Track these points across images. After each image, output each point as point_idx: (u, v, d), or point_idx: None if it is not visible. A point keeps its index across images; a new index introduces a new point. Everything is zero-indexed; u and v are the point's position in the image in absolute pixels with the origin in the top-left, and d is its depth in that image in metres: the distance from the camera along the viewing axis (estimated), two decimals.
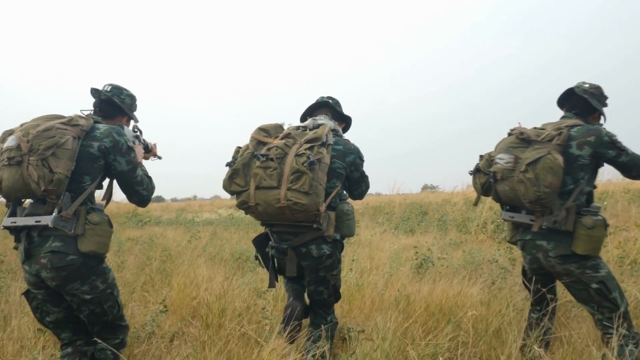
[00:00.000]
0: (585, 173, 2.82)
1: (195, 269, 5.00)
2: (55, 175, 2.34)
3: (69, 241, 2.43)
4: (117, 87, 2.88)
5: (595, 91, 2.97)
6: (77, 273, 2.44)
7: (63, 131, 2.43)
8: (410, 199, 15.80)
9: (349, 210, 2.95)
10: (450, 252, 6.67)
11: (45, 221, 2.37)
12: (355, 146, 3.02)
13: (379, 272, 4.78)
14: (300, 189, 2.61)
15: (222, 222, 12.79)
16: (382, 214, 13.15)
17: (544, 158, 2.72)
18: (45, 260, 2.40)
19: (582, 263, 2.78)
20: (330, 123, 3.02)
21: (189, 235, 8.62)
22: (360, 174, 3.06)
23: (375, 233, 9.43)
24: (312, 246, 2.83)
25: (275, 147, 2.74)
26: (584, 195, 2.84)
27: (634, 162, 2.79)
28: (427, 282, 4.36)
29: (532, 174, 2.73)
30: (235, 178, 2.79)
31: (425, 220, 11.34)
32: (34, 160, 2.32)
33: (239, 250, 7.08)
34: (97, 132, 2.56)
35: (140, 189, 2.72)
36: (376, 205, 15.41)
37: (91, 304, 2.51)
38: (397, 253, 6.24)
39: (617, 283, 2.80)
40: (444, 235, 8.63)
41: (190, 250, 7.09)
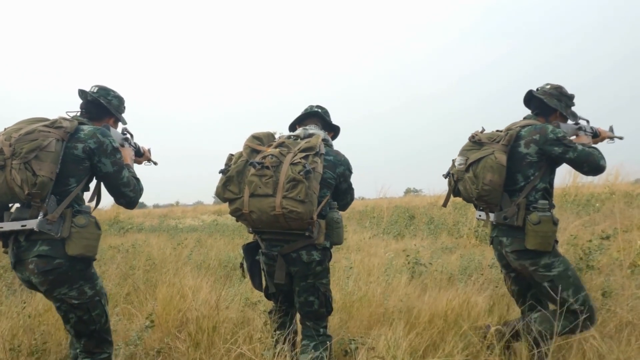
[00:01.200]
0: (535, 170, 2.93)
1: (181, 278, 4.74)
2: (38, 178, 2.31)
3: (56, 245, 2.41)
4: (103, 88, 2.86)
5: (554, 91, 3.06)
6: (65, 277, 2.42)
7: (46, 134, 2.40)
8: (395, 202, 15.69)
9: (338, 219, 2.97)
10: (443, 257, 6.51)
11: (30, 225, 2.35)
12: (345, 158, 3.06)
13: (375, 279, 4.58)
14: (297, 197, 2.63)
15: (206, 229, 12.54)
16: (369, 218, 12.99)
17: (485, 158, 2.92)
18: (33, 266, 2.40)
19: (536, 260, 2.88)
20: (321, 133, 3.06)
21: (175, 243, 8.32)
22: (348, 185, 3.10)
23: (363, 238, 9.24)
24: (302, 252, 2.83)
25: (270, 156, 2.76)
26: (538, 191, 2.93)
27: (582, 158, 2.85)
28: (427, 289, 4.17)
29: (472, 173, 2.97)
30: (229, 185, 2.80)
31: (414, 224, 11.20)
32: (17, 164, 2.30)
33: (225, 258, 6.85)
34: (81, 134, 2.54)
35: (127, 190, 2.69)
36: (362, 209, 15.27)
37: (79, 309, 2.48)
38: (391, 259, 6.05)
39: (574, 282, 2.85)
40: (434, 240, 8.46)
41: (175, 258, 6.82)
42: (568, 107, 3.08)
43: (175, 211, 24.93)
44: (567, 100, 3.07)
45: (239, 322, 3.38)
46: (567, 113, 3.06)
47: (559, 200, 10.49)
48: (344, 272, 4.84)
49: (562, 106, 3.05)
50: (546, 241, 2.84)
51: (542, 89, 3.11)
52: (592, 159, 2.85)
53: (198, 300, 3.97)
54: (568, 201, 10.88)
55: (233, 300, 4.15)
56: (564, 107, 3.05)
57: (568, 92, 3.09)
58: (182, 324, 3.96)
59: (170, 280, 4.78)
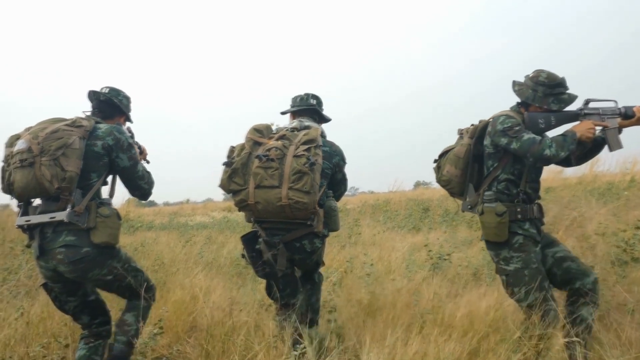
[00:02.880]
0: (494, 161, 2.98)
1: (191, 278, 4.49)
2: (67, 173, 2.52)
3: (82, 234, 2.60)
4: (114, 89, 3.06)
5: (529, 81, 2.99)
6: (94, 262, 2.63)
7: (69, 132, 2.61)
8: (407, 195, 15.41)
9: (335, 207, 3.15)
10: (464, 251, 6.22)
11: (60, 217, 2.55)
12: (339, 148, 3.23)
13: (396, 276, 4.30)
14: (302, 188, 2.75)
15: (216, 225, 12.32)
16: (382, 211, 12.72)
17: (451, 150, 3.13)
18: (62, 256, 2.58)
19: (497, 252, 2.95)
20: (316, 125, 3.19)
21: (184, 241, 8.06)
22: (342, 176, 3.29)
23: (378, 232, 8.96)
24: (305, 241, 3.00)
25: (275, 148, 2.86)
26: (500, 182, 2.96)
27: (524, 148, 2.78)
28: (453, 285, 3.87)
29: (438, 164, 3.23)
30: (234, 177, 2.89)
31: (428, 216, 10.91)
32: (46, 161, 2.50)
33: (237, 255, 6.59)
34: (99, 132, 2.76)
35: (142, 183, 2.94)
36: (374, 203, 14.99)
37: (116, 281, 2.74)
38: (410, 254, 5.75)
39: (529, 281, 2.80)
40: (453, 233, 8.15)
41: (184, 257, 6.57)
42: (548, 95, 2.92)
43: (186, 208, 24.78)
44: (545, 89, 2.92)
45: (252, 328, 3.10)
46: (546, 102, 2.91)
47: (576, 189, 10.16)
48: (362, 268, 4.55)
49: (537, 96, 2.93)
50: (491, 232, 2.89)
51: (516, 82, 3.06)
52: (534, 149, 2.75)
53: (209, 303, 3.74)
54: (586, 190, 10.55)
55: (246, 303, 3.89)
56: (540, 97, 2.92)
57: (555, 77, 2.93)
58: (192, 328, 3.73)
59: (180, 281, 4.52)
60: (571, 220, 6.98)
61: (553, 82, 2.93)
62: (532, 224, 2.92)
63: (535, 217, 2.95)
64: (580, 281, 2.87)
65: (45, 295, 3.74)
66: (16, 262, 6.05)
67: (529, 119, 2.92)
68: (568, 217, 6.95)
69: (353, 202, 17.90)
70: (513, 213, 2.88)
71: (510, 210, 2.88)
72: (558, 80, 2.94)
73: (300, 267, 3.17)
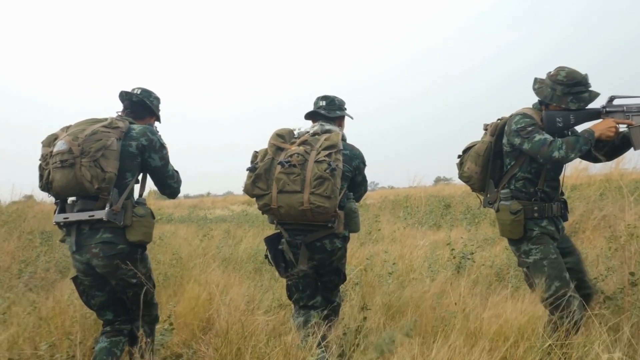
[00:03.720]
0: (511, 160, 3.05)
1: (207, 275, 4.40)
2: (107, 174, 2.62)
3: (118, 232, 2.71)
4: (146, 90, 3.14)
5: (548, 80, 2.97)
6: (125, 260, 2.71)
7: (107, 134, 2.69)
8: (427, 191, 15.18)
9: (355, 209, 3.17)
10: (487, 249, 6.04)
11: (99, 215, 2.65)
12: (359, 151, 3.27)
13: (418, 275, 4.16)
14: (323, 193, 2.82)
15: (235, 219, 12.29)
16: (402, 207, 12.54)
17: (473, 147, 3.20)
18: (97, 250, 2.68)
19: (517, 247, 3.02)
20: (336, 129, 3.24)
21: (201, 234, 8.00)
22: (362, 178, 3.32)
23: (398, 228, 8.80)
24: (325, 241, 3.04)
25: (297, 154, 2.92)
26: (518, 180, 3.02)
27: (535, 149, 2.82)
28: (478, 287, 3.71)
29: (460, 160, 3.33)
30: (257, 182, 2.96)
31: (450, 213, 10.72)
32: (87, 162, 2.59)
33: (255, 251, 6.51)
34: (133, 133, 2.85)
35: (172, 182, 3.06)
36: (393, 199, 14.83)
37: (136, 286, 2.80)
38: (432, 252, 5.59)
39: (548, 271, 2.86)
40: (475, 231, 7.95)
41: (202, 251, 6.50)
42: (566, 95, 2.89)
43: (206, 202, 24.90)
44: (563, 88, 2.89)
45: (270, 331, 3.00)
46: (564, 102, 2.89)
47: (602, 187, 9.89)
48: (383, 267, 4.42)
49: (556, 95, 2.90)
50: (506, 229, 2.99)
51: (537, 80, 3.05)
52: (543, 150, 2.78)
53: (226, 300, 3.65)
54: (610, 188, 10.27)
55: (262, 300, 3.79)
56: (558, 96, 2.90)
57: (575, 75, 2.89)
58: (208, 325, 3.65)
59: (196, 277, 4.44)
60: (599, 219, 6.78)
61: (572, 81, 2.89)
62: (550, 222, 2.98)
63: (554, 215, 3.00)
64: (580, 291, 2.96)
65: (59, 290, 3.67)
66: (34, 254, 6.05)
67: (546, 117, 2.91)
68: (596, 216, 6.75)
69: (373, 197, 17.77)
70: (530, 211, 2.95)
71: (526, 208, 2.95)
72: (578, 78, 2.89)
73: (321, 267, 3.13)
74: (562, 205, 3.09)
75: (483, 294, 3.58)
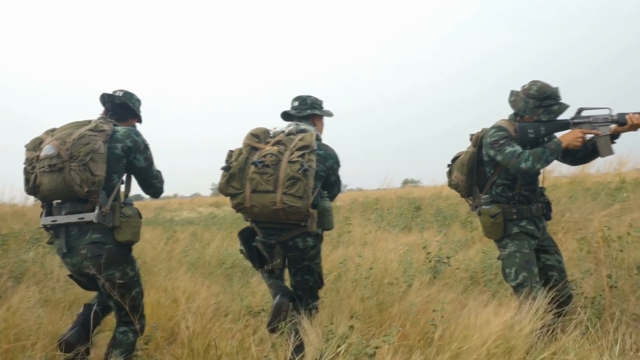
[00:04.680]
0: (490, 168, 3.29)
1: (173, 281, 4.18)
2: (96, 177, 2.67)
3: (106, 233, 2.78)
4: (128, 92, 3.18)
5: (522, 93, 3.20)
6: (112, 260, 2.78)
7: (95, 137, 2.74)
8: (396, 193, 15.15)
9: (329, 207, 3.24)
10: (460, 252, 5.95)
11: (89, 217, 2.71)
12: (334, 152, 3.32)
13: (393, 279, 4.02)
14: (296, 193, 2.88)
15: (202, 221, 12.01)
16: (373, 209, 12.46)
17: (460, 157, 3.43)
18: (85, 251, 2.75)
19: (499, 243, 3.30)
20: (312, 129, 3.27)
21: (165, 238, 7.71)
22: (336, 178, 3.38)
23: (369, 230, 8.68)
24: (298, 239, 3.09)
25: (270, 154, 2.97)
26: (498, 186, 3.27)
27: (505, 160, 3.08)
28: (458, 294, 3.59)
29: (449, 169, 3.57)
30: (231, 182, 3.02)
31: (420, 216, 10.67)
32: (76, 166, 2.63)
33: (224, 255, 6.28)
34: (118, 135, 2.90)
35: (156, 182, 3.14)
36: (363, 201, 14.75)
37: (122, 288, 2.83)
38: (406, 255, 5.46)
39: (518, 262, 3.14)
40: (447, 233, 7.89)
41: (167, 255, 6.24)
42: (538, 107, 3.13)
43: (172, 203, 24.39)
44: (535, 101, 3.13)
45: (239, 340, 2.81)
46: (536, 114, 3.13)
47: (568, 189, 10.00)
48: (357, 271, 4.26)
49: (528, 108, 3.14)
50: (487, 231, 3.28)
51: (512, 92, 3.28)
52: (512, 162, 3.04)
53: (192, 308, 3.44)
54: (577, 190, 10.40)
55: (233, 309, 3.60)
56: (531, 109, 3.13)
57: (546, 89, 3.13)
58: (172, 335, 3.44)
59: (161, 282, 4.20)
60: (570, 222, 6.79)
61: (543, 95, 3.12)
62: (529, 222, 3.22)
63: (533, 215, 3.23)
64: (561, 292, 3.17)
65: (14, 299, 3.41)
66: None
67: (519, 129, 3.14)
68: (568, 219, 6.75)
69: (342, 199, 17.61)
70: (509, 213, 3.19)
71: (505, 211, 3.20)
72: (548, 92, 3.13)
73: (292, 266, 3.21)
74: (545, 205, 3.33)
75: (461, 299, 3.46)
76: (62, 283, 4.63)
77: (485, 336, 2.52)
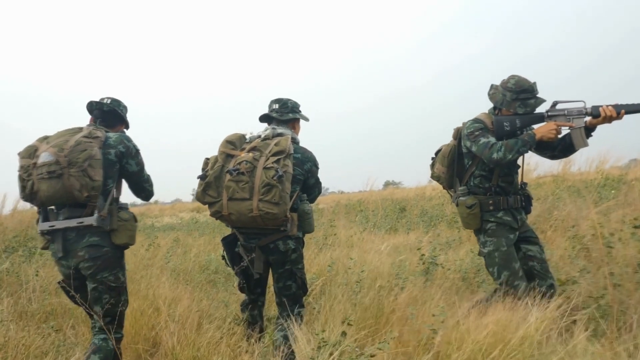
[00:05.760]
0: (468, 160, 3.37)
1: (155, 289, 3.98)
2: (95, 182, 2.75)
3: (104, 236, 2.86)
4: (115, 99, 3.25)
5: (500, 87, 3.29)
6: (108, 262, 2.87)
7: (90, 144, 2.81)
8: (379, 195, 15.05)
9: (309, 210, 3.23)
10: (449, 253, 5.84)
11: (88, 221, 2.78)
12: (312, 154, 3.34)
13: (384, 282, 3.87)
14: (272, 200, 2.89)
15: (184, 227, 11.79)
16: (357, 211, 12.34)
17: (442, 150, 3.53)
18: (83, 253, 2.82)
19: (478, 237, 3.38)
20: (288, 132, 3.27)
21: (147, 244, 7.47)
22: (315, 180, 3.38)
23: (355, 232, 8.54)
24: (278, 242, 3.11)
25: (245, 162, 2.98)
26: (476, 178, 3.35)
27: (479, 151, 3.17)
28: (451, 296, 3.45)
29: (432, 161, 3.64)
30: (208, 190, 3.05)
31: (406, 217, 10.57)
32: (75, 172, 2.70)
33: (206, 261, 6.08)
34: (110, 141, 2.97)
35: (147, 185, 3.21)
36: (346, 203, 14.63)
37: (113, 291, 2.90)
38: (396, 256, 5.32)
39: (499, 262, 3.24)
40: (434, 233, 7.78)
41: (148, 262, 6.01)
42: (514, 100, 3.20)
43: (153, 209, 24.02)
44: (512, 94, 3.20)
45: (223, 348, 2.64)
46: (512, 107, 3.20)
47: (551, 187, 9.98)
48: (346, 274, 4.11)
49: (506, 101, 3.22)
50: (464, 221, 3.36)
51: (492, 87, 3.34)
52: (485, 152, 3.12)
53: (174, 316, 3.26)
54: (561, 188, 10.38)
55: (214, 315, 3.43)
56: (508, 102, 3.21)
57: (523, 83, 3.21)
58: (155, 345, 3.26)
59: (143, 291, 4.01)
60: (558, 219, 6.72)
61: (520, 88, 3.21)
62: (507, 213, 3.28)
63: (510, 207, 3.29)
64: (538, 281, 3.25)
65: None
66: None
67: (495, 122, 3.22)
68: (557, 217, 6.68)
69: (325, 201, 17.51)
70: (485, 204, 3.27)
71: (482, 202, 3.28)
72: (525, 86, 3.21)
73: (275, 270, 3.22)
74: (525, 199, 3.39)
75: (455, 302, 3.31)
76: (38, 293, 4.40)
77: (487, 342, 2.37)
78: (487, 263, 3.33)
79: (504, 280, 3.21)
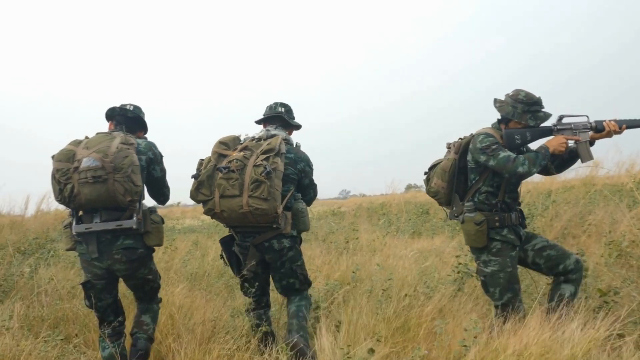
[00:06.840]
0: (475, 175, 3.29)
1: (170, 296, 3.83)
2: (138, 187, 2.85)
3: (137, 238, 2.97)
4: (137, 106, 3.34)
5: (509, 99, 3.26)
6: (143, 262, 3.04)
7: (130, 150, 2.88)
8: (402, 198, 14.79)
9: (303, 209, 3.31)
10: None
11: (128, 224, 2.89)
12: (305, 155, 3.42)
13: (412, 291, 3.65)
14: (260, 195, 2.96)
15: (205, 229, 11.69)
16: (379, 215, 12.10)
17: (440, 164, 3.42)
18: (120, 255, 2.93)
19: (477, 256, 3.30)
20: (282, 133, 3.36)
21: (164, 247, 7.34)
22: (310, 181, 3.45)
23: (377, 237, 8.30)
24: (273, 241, 3.20)
25: (235, 160, 3.07)
26: (482, 194, 3.26)
27: (500, 165, 3.08)
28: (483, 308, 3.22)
29: (427, 175, 3.54)
30: (201, 189, 3.15)
31: (430, 220, 10.29)
32: (120, 177, 2.78)
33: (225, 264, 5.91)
34: (141, 147, 3.08)
35: (167, 190, 3.35)
36: (368, 206, 14.41)
37: (152, 281, 3.16)
38: (421, 262, 5.08)
39: (502, 283, 3.16)
40: (461, 239, 7.49)
41: (165, 265, 5.87)
42: (526, 112, 3.20)
43: (175, 212, 24.12)
44: (523, 106, 3.20)
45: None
46: (524, 118, 3.19)
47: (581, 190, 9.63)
48: (370, 280, 3.89)
49: (517, 112, 3.20)
50: (471, 238, 3.24)
51: (497, 99, 3.32)
52: (509, 166, 3.05)
53: (189, 326, 3.10)
54: (589, 192, 10.04)
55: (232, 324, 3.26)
56: (519, 113, 3.19)
57: (532, 96, 3.21)
58: (167, 355, 3.10)
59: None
60: (592, 224, 6.41)
61: (530, 101, 3.20)
62: (510, 230, 3.22)
63: (513, 223, 3.23)
64: (562, 264, 3.21)
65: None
66: None
67: (506, 135, 3.19)
68: (590, 222, 6.39)
69: (346, 204, 17.34)
70: (492, 221, 3.19)
71: (488, 218, 3.19)
72: (535, 99, 3.22)
73: (273, 269, 3.29)
74: (520, 214, 3.33)
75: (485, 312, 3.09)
76: (50, 298, 4.29)
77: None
78: (488, 283, 3.24)
79: (506, 301, 3.17)
